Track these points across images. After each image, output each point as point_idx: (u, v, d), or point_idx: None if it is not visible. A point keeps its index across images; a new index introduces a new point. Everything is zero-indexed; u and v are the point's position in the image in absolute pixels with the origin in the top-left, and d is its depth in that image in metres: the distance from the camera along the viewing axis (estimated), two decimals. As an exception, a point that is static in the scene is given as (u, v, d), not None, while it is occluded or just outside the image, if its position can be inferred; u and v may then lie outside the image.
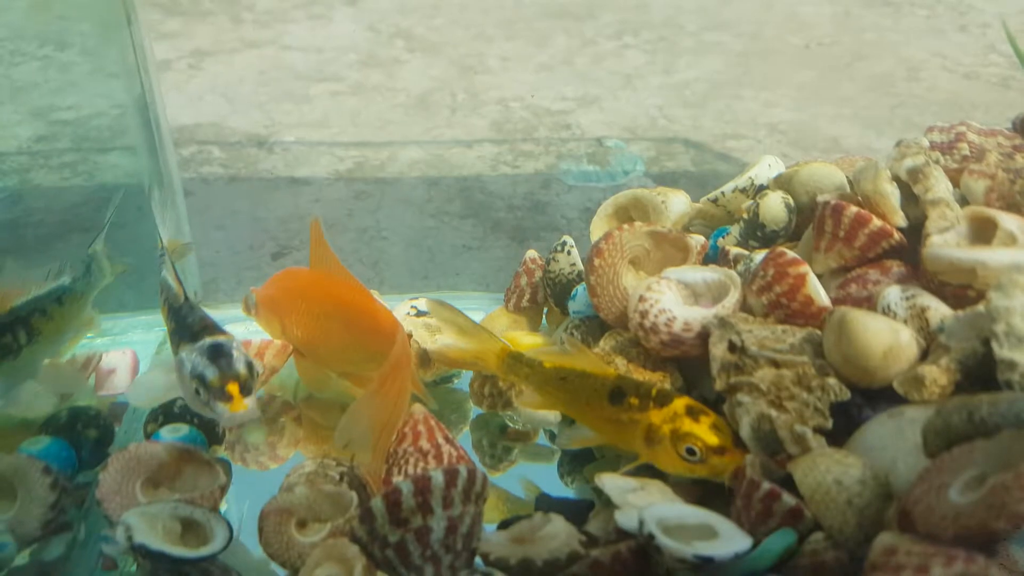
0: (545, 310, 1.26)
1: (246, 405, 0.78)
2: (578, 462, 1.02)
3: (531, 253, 1.28)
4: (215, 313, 1.39)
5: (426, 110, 3.08)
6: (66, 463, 0.98)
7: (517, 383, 1.01)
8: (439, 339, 1.12)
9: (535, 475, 1.02)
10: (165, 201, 1.14)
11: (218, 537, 0.87)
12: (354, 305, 1.03)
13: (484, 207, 2.28)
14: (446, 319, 1.00)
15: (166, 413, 1.04)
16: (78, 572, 0.90)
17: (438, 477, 0.77)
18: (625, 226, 1.03)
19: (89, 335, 1.23)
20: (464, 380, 1.16)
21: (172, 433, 1.00)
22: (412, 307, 1.21)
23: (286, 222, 2.17)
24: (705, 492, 0.83)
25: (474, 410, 1.12)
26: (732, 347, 0.83)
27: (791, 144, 2.78)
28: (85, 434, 1.02)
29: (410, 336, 1.14)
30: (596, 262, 1.01)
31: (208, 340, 0.81)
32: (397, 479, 0.90)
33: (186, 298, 0.88)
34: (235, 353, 0.80)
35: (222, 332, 0.83)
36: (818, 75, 3.45)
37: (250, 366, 0.80)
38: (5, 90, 2.51)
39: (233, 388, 0.78)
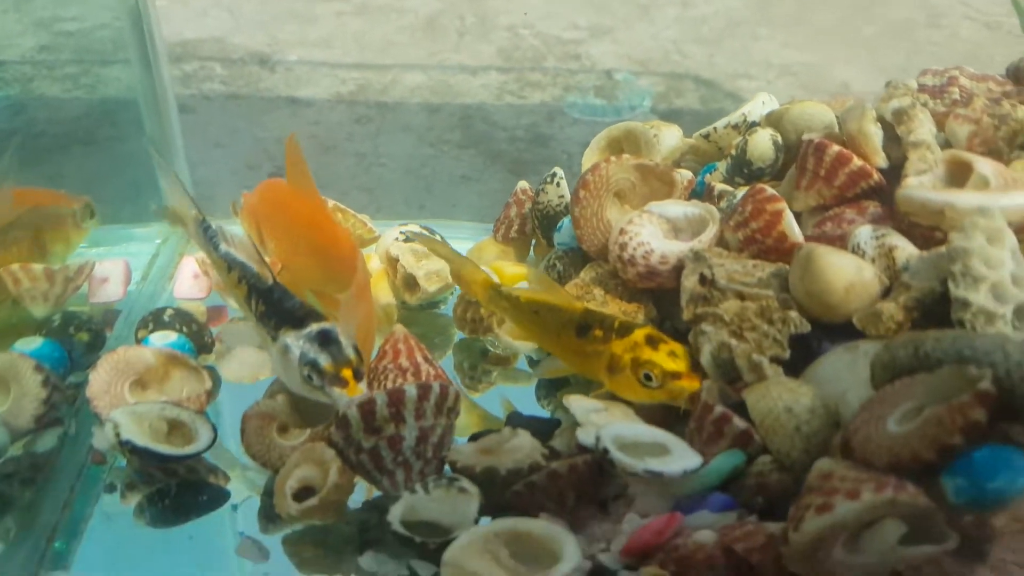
0: (533, 241, 1.27)
1: (361, 389, 0.81)
2: (554, 386, 1.05)
3: (522, 184, 1.29)
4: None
5: (433, 33, 3.03)
6: (58, 363, 1.02)
7: (497, 313, 1.03)
8: (432, 265, 1.15)
9: (513, 397, 1.05)
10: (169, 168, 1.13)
11: (202, 437, 0.91)
12: (317, 226, 1.07)
13: (485, 137, 2.27)
14: (431, 248, 1.03)
15: (156, 320, 1.08)
16: (69, 465, 0.94)
17: (411, 391, 0.81)
18: (612, 158, 1.03)
19: (83, 245, 1.26)
20: (449, 307, 1.19)
21: (162, 339, 1.04)
22: (401, 232, 1.23)
23: (284, 143, 2.17)
24: (665, 416, 0.87)
25: (457, 335, 1.15)
26: (703, 280, 0.85)
27: (801, 87, 2.74)
28: (77, 337, 1.06)
29: (397, 260, 1.17)
30: (581, 194, 1.02)
31: (315, 327, 0.82)
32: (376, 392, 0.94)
33: (274, 280, 0.89)
34: (343, 340, 0.82)
35: (323, 317, 0.84)
36: (838, 17, 3.37)
37: (357, 351, 0.83)
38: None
39: (347, 373, 0.81)
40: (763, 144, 1.02)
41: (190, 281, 1.23)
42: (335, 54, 2.75)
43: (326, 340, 0.81)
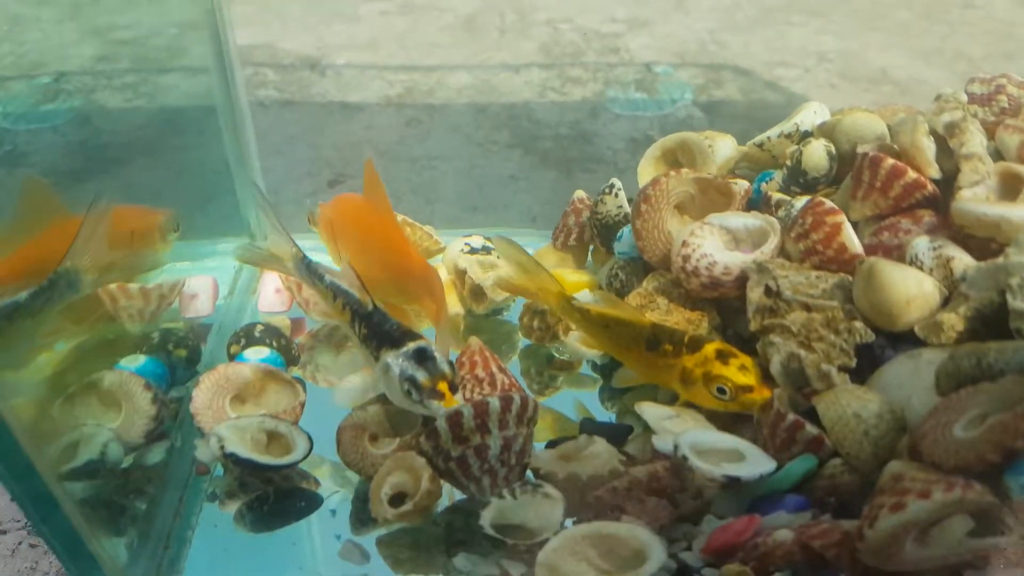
0: (591, 248, 1.33)
1: (457, 401, 0.87)
2: (618, 390, 1.11)
3: (579, 193, 1.34)
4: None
5: (474, 32, 3.08)
6: (161, 379, 1.09)
7: (569, 323, 1.09)
8: (496, 272, 1.20)
9: (578, 400, 1.11)
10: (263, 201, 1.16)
11: (299, 447, 0.99)
12: (390, 243, 1.14)
13: (531, 136, 2.32)
14: (511, 257, 1.08)
15: (247, 336, 1.15)
16: (176, 476, 1.02)
17: (495, 403, 0.87)
18: (672, 173, 1.08)
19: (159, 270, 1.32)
20: (513, 314, 1.25)
21: (255, 355, 1.11)
22: (466, 244, 1.29)
23: (341, 149, 2.24)
24: (735, 418, 0.92)
25: (522, 341, 1.21)
26: (768, 291, 0.90)
27: (839, 75, 2.74)
28: (176, 353, 1.13)
29: (464, 272, 1.23)
30: (643, 207, 1.07)
31: (412, 345, 0.89)
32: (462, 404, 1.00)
33: (374, 305, 0.96)
34: (438, 356, 0.88)
35: (418, 335, 0.91)
36: (872, 1, 3.36)
37: (452, 366, 0.89)
38: (66, 7, 2.56)
39: (443, 387, 0.87)
40: (818, 155, 1.06)
41: (272, 295, 1.30)
42: (381, 56, 2.81)
43: (422, 357, 0.88)
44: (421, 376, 0.87)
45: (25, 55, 2.42)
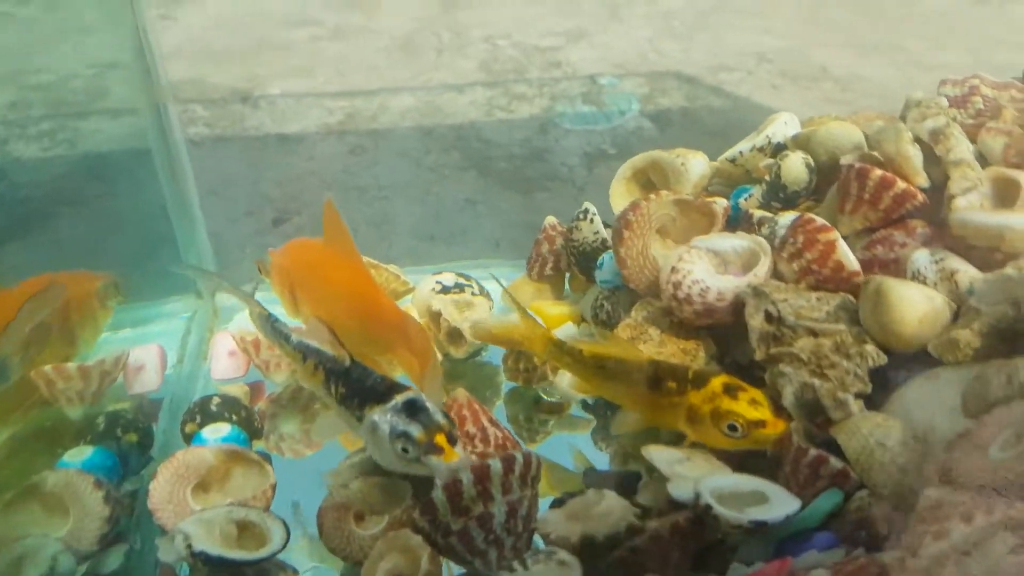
0: (567, 276, 1.28)
1: (457, 454, 0.78)
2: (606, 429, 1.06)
3: (550, 219, 1.29)
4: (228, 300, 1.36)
5: (411, 53, 3.02)
6: (112, 472, 0.98)
7: (559, 368, 1.03)
8: (473, 316, 1.14)
9: (573, 444, 1.05)
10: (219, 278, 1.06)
11: (275, 537, 0.89)
12: (358, 290, 1.06)
13: (483, 157, 2.27)
14: (509, 299, 1.02)
15: (203, 411, 1.04)
16: None
17: (496, 465, 0.80)
18: (652, 196, 1.04)
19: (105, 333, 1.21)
20: (493, 354, 1.18)
21: (214, 433, 1.01)
22: (437, 282, 1.23)
23: (282, 184, 2.15)
24: (747, 456, 0.88)
25: (506, 384, 1.14)
26: (769, 317, 0.86)
27: (780, 74, 2.77)
28: (126, 439, 1.02)
29: (440, 314, 1.17)
30: (625, 234, 1.03)
31: (400, 398, 0.80)
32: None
33: (352, 360, 0.87)
34: (430, 406, 0.80)
35: (405, 387, 0.83)
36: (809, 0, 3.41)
37: (447, 416, 0.80)
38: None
39: (441, 439, 0.78)
40: (796, 168, 1.04)
41: (226, 360, 1.18)
42: (317, 83, 2.73)
43: (413, 409, 0.79)
44: (415, 430, 0.78)
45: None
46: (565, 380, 1.08)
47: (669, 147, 1.72)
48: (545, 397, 1.13)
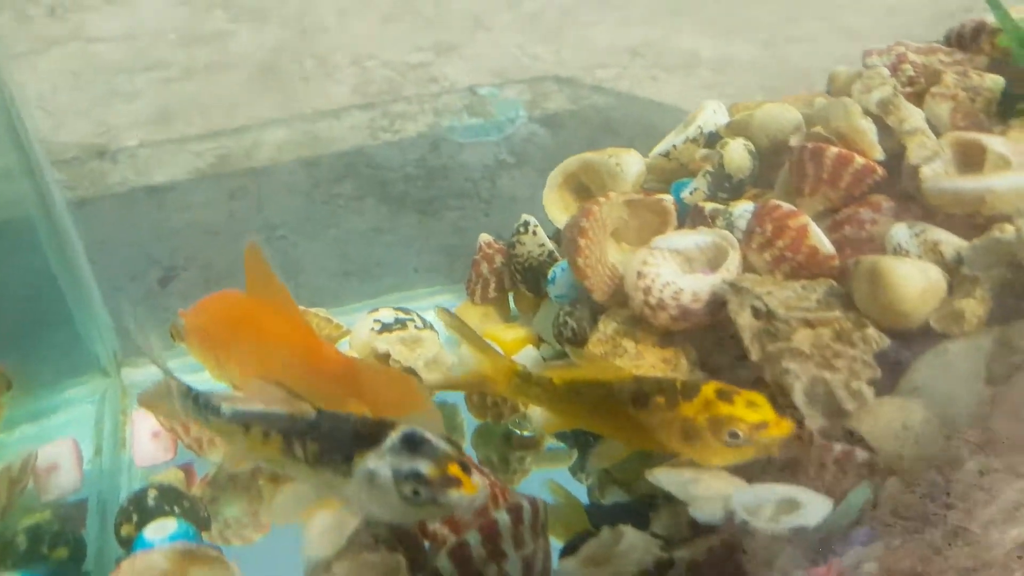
0: (511, 295, 1.21)
1: (478, 484, 0.66)
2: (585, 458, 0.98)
3: (484, 237, 1.22)
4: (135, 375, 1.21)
5: (275, 83, 2.86)
6: None
7: (528, 403, 0.95)
8: (426, 354, 1.05)
9: (552, 479, 0.98)
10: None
11: None
12: (296, 343, 0.94)
13: (378, 182, 2.16)
14: (459, 332, 0.92)
15: (139, 508, 0.91)
16: None
17: (504, 518, 0.72)
18: (601, 199, 0.99)
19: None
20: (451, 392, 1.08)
21: (159, 532, 0.87)
22: (375, 321, 1.13)
23: (161, 239, 1.96)
24: (752, 465, 0.83)
25: (468, 421, 1.05)
26: (757, 313, 0.82)
27: (655, 66, 2.80)
28: (54, 556, 0.88)
29: (388, 355, 1.07)
30: (581, 243, 0.96)
31: (393, 436, 0.68)
32: (440, 528, 0.84)
33: (318, 410, 0.74)
34: (430, 436, 0.67)
35: (393, 422, 0.70)
36: (663, -16, 3.46)
37: (452, 442, 0.68)
38: None
39: (455, 470, 0.66)
40: (739, 155, 1.01)
41: (150, 443, 1.04)
42: (178, 127, 2.52)
43: (413, 443, 0.68)
44: (424, 467, 0.66)
45: None
46: (538, 411, 1.00)
47: (565, 150, 1.67)
48: (517, 431, 1.05)
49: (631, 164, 1.11)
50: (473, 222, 1.97)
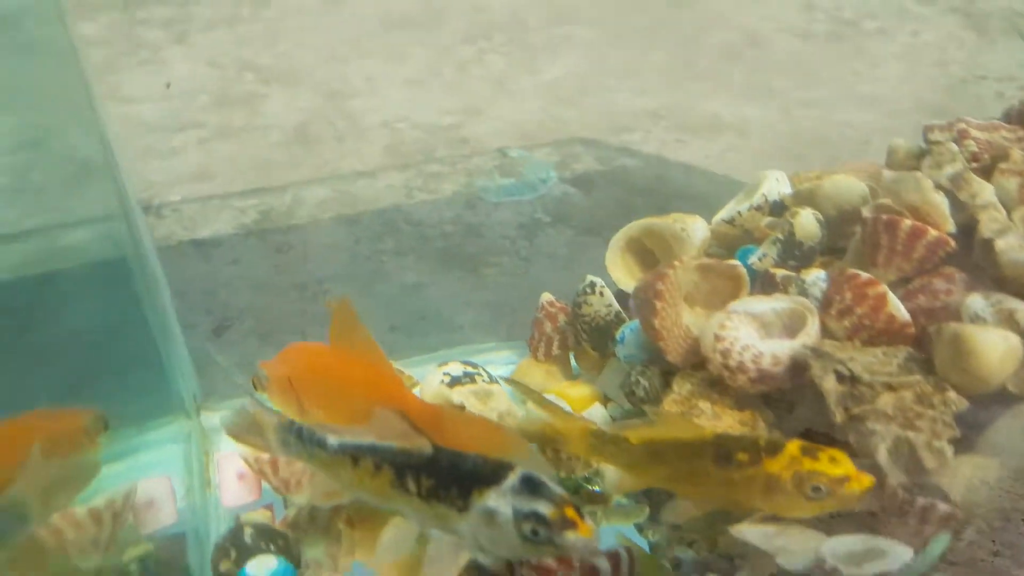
0: (571, 354, 1.24)
1: (590, 526, 0.69)
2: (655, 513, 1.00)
3: (547, 296, 1.26)
4: (213, 419, 1.24)
5: (309, 144, 2.95)
6: None
7: (603, 463, 0.97)
8: (499, 407, 1.08)
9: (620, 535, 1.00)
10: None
11: None
12: (382, 392, 0.97)
13: (417, 238, 2.22)
14: (530, 398, 0.96)
15: (237, 545, 0.93)
16: None
17: (604, 564, 0.75)
18: (676, 263, 1.03)
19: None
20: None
21: (261, 569, 0.90)
22: (445, 374, 1.16)
23: (211, 292, 2.01)
24: (832, 520, 0.86)
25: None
26: (841, 377, 0.86)
27: (679, 128, 2.89)
28: None
29: (463, 407, 1.10)
30: (658, 305, 1.00)
31: (512, 477, 0.71)
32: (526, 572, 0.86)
33: (435, 447, 0.76)
34: (547, 480, 0.71)
35: (510, 464, 0.73)
36: (670, 54, 3.58)
37: (561, 484, 0.72)
38: None
39: (572, 513, 0.69)
40: (809, 223, 1.06)
41: (236, 484, 1.07)
42: (220, 184, 2.59)
43: (533, 486, 0.71)
44: (544, 508, 0.69)
45: None
46: (611, 469, 1.02)
47: (600, 210, 1.69)
48: (587, 486, 1.07)
49: (697, 230, 1.16)
50: (513, 279, 2.02)
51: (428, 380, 1.15)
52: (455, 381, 1.14)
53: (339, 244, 2.20)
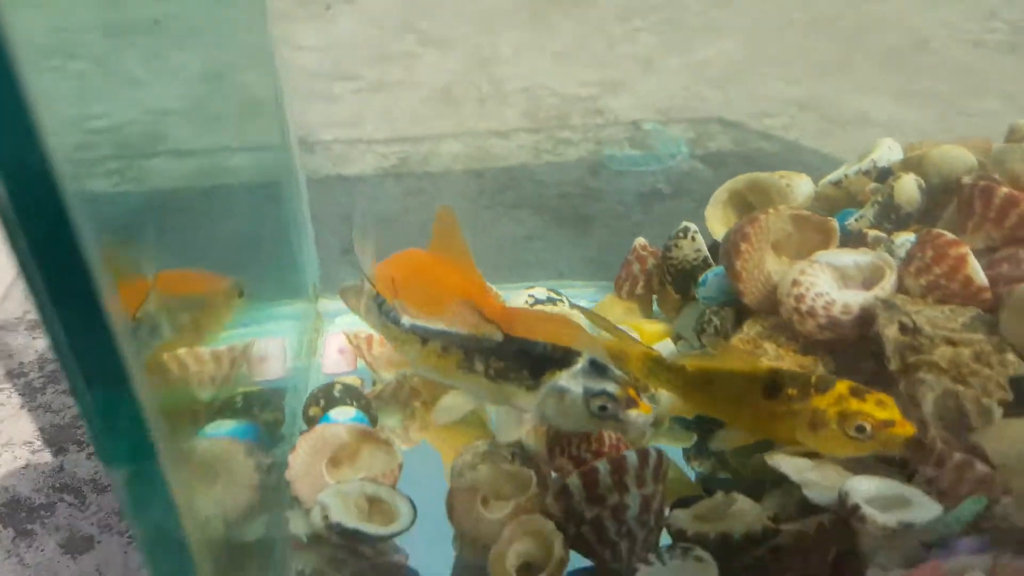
0: (655, 297, 1.29)
1: (650, 407, 0.81)
2: (705, 448, 1.03)
3: (640, 240, 1.31)
4: (328, 304, 1.42)
5: (453, 103, 3.09)
6: (254, 443, 0.98)
7: (657, 387, 1.03)
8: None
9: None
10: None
11: (403, 514, 0.91)
12: (468, 293, 1.07)
13: (537, 196, 2.30)
14: (596, 321, 1.03)
15: (326, 396, 1.08)
16: (276, 548, 0.92)
17: (632, 457, 0.81)
18: (770, 210, 1.06)
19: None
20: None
21: (342, 415, 1.04)
22: (530, 295, 1.24)
23: (347, 220, 2.18)
24: (869, 465, 0.87)
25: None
26: (904, 328, 0.87)
27: (824, 119, 2.81)
28: (263, 416, 1.03)
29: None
30: (742, 247, 1.03)
31: (582, 361, 0.83)
32: (566, 463, 0.93)
33: (505, 335, 0.87)
34: (610, 365, 0.83)
35: (576, 352, 0.84)
36: (831, 50, 3.47)
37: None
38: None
39: (633, 393, 0.80)
40: (910, 188, 1.05)
41: (336, 356, 1.25)
42: (367, 131, 2.78)
43: (601, 370, 0.82)
44: (612, 388, 0.81)
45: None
46: (674, 412, 1.07)
47: None
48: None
49: (801, 186, 1.18)
50: (621, 240, 2.06)
51: (513, 299, 1.24)
52: (537, 302, 1.22)
53: (464, 193, 2.32)
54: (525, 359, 0.85)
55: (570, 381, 0.82)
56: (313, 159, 2.54)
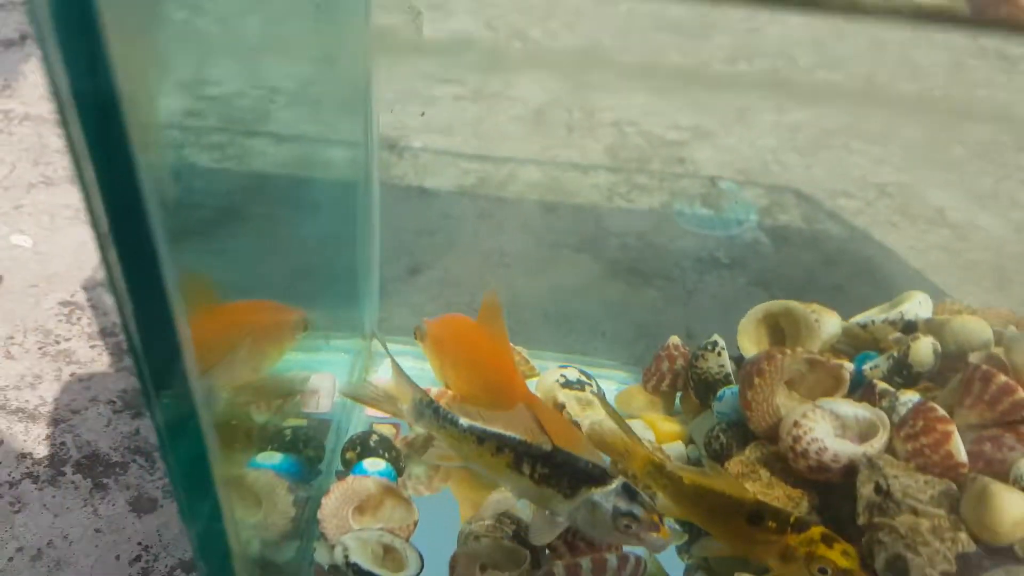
0: (679, 394, 1.39)
1: (669, 532, 0.92)
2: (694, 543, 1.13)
3: (674, 339, 1.41)
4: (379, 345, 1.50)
5: (543, 126, 3.18)
6: (298, 479, 1.13)
7: (654, 490, 1.14)
8: (593, 416, 1.26)
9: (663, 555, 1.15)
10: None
11: (412, 564, 1.05)
12: (498, 370, 1.20)
13: (598, 243, 2.40)
14: (613, 418, 1.14)
15: (363, 444, 1.21)
16: (303, 571, 1.07)
17: (612, 559, 0.93)
18: (788, 351, 1.15)
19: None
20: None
21: (373, 466, 1.17)
22: (562, 375, 1.36)
23: (419, 236, 2.32)
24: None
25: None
26: (878, 489, 0.96)
27: (897, 211, 2.82)
28: (306, 452, 1.18)
29: (563, 407, 1.29)
30: (756, 381, 1.13)
31: (615, 483, 0.94)
32: (560, 546, 1.06)
33: (553, 445, 0.98)
34: (639, 491, 0.94)
35: (611, 473, 0.95)
36: (927, 133, 3.44)
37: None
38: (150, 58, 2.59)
39: (656, 519, 0.92)
40: (925, 351, 1.13)
41: None
42: (455, 142, 2.91)
43: (631, 493, 0.93)
44: (638, 511, 0.91)
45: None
46: (664, 512, 1.17)
47: (781, 268, 1.73)
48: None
49: (829, 325, 1.26)
50: (669, 307, 2.15)
51: (547, 375, 1.37)
52: (568, 384, 1.34)
53: (531, 227, 2.44)
54: (567, 470, 0.96)
55: (603, 498, 0.92)
56: (400, 164, 2.69)
